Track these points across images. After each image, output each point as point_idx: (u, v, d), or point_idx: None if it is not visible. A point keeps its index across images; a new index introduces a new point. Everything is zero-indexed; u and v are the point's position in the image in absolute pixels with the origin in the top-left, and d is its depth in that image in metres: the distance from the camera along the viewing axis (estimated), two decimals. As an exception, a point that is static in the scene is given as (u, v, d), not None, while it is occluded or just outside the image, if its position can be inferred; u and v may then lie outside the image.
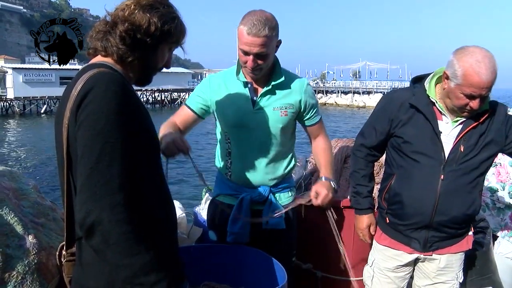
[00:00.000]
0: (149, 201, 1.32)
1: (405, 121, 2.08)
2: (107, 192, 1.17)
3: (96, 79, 1.26)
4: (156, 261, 1.22)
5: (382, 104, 2.23)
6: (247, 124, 2.16)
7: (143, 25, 1.35)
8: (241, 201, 2.22)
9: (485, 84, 1.83)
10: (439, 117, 2.04)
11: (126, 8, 1.36)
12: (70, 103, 1.25)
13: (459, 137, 2.01)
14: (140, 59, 1.41)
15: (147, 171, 1.33)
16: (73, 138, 1.24)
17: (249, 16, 1.98)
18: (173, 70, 65.01)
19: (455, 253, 2.18)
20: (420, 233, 2.13)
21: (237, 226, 2.20)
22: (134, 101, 1.31)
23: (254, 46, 1.97)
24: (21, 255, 1.76)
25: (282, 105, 2.17)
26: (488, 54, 1.85)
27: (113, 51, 1.37)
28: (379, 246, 2.30)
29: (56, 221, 2.10)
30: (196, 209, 3.54)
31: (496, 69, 1.84)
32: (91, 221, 1.16)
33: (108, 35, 1.36)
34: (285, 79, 2.19)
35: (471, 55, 1.85)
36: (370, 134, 2.24)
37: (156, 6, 1.39)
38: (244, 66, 2.09)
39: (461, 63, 1.86)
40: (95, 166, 1.17)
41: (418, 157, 2.06)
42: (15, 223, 1.82)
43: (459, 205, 2.05)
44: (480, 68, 1.82)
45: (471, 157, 2.02)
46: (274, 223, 2.22)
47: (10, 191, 1.97)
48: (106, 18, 1.39)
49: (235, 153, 2.22)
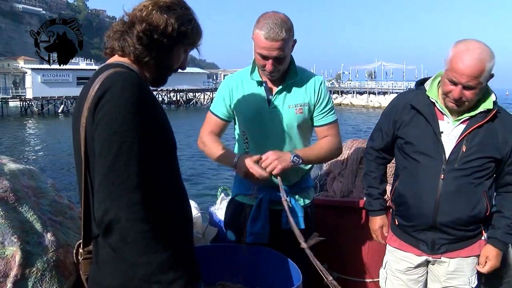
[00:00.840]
0: (165, 200, 1.33)
1: (407, 122, 2.12)
2: (125, 191, 1.18)
3: (113, 78, 1.27)
4: (173, 260, 1.22)
5: (387, 107, 2.29)
6: (263, 122, 2.17)
7: (160, 26, 1.36)
8: (260, 201, 2.22)
9: (464, 71, 1.86)
10: (440, 117, 2.06)
11: (143, 9, 1.38)
12: (88, 102, 1.26)
13: (462, 137, 2.01)
14: (156, 60, 1.42)
15: (163, 170, 1.34)
16: (91, 137, 1.26)
17: (264, 20, 1.98)
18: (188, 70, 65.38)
19: (465, 257, 2.14)
20: (426, 234, 2.12)
21: (257, 226, 2.20)
22: (150, 101, 1.32)
23: (273, 50, 1.98)
24: (40, 252, 1.78)
25: (297, 102, 2.17)
26: (482, 47, 1.88)
27: (130, 51, 1.38)
28: (390, 248, 2.31)
29: (73, 219, 2.12)
30: (212, 208, 3.55)
31: (485, 62, 1.85)
32: (109, 219, 1.17)
33: (126, 35, 1.38)
34: (300, 78, 2.19)
35: (464, 44, 1.91)
36: (377, 136, 2.29)
37: (173, 7, 1.40)
38: (262, 69, 2.11)
39: (453, 49, 1.92)
40: (113, 165, 1.19)
41: (419, 157, 2.08)
42: (34, 221, 1.85)
43: (462, 206, 2.03)
44: (465, 55, 1.86)
45: (474, 158, 2.00)
46: (294, 222, 2.22)
47: (29, 189, 2.00)
48: (123, 19, 1.41)
49: (252, 152, 2.22)
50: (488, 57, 1.86)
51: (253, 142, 2.24)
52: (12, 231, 1.74)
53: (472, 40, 1.92)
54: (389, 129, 2.20)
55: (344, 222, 2.96)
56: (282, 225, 2.22)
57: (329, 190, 3.17)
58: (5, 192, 1.84)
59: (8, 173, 1.97)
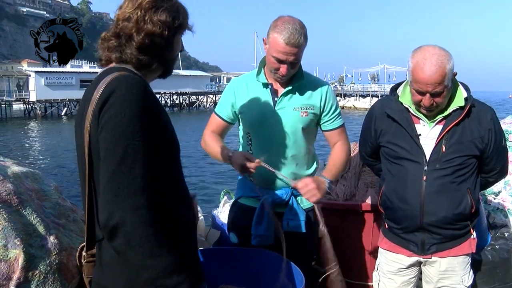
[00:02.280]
0: (171, 202, 1.33)
1: (386, 130, 2.17)
2: (130, 194, 1.18)
3: (118, 82, 1.27)
4: (178, 263, 1.23)
5: (366, 116, 2.34)
6: (268, 124, 2.18)
7: (157, 31, 1.36)
8: (263, 203, 2.21)
9: (428, 80, 1.89)
10: (416, 121, 2.10)
11: (132, 17, 1.35)
12: (92, 105, 1.27)
13: (440, 137, 2.04)
14: (161, 60, 1.43)
15: (168, 172, 1.34)
16: (95, 141, 1.26)
17: (283, 24, 1.99)
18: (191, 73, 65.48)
19: (456, 256, 2.15)
20: (416, 235, 2.14)
21: (261, 228, 2.20)
22: (154, 104, 1.32)
23: (291, 55, 2.01)
24: (43, 254, 1.79)
25: (302, 105, 2.19)
26: (439, 52, 1.91)
27: (133, 61, 1.37)
28: (381, 250, 2.34)
29: (76, 222, 2.13)
30: (214, 211, 3.55)
31: (445, 66, 1.88)
32: (114, 222, 1.17)
33: (124, 48, 1.37)
34: (306, 81, 2.21)
35: (421, 52, 1.93)
36: (364, 144, 2.36)
37: (158, 4, 1.37)
38: (274, 72, 2.11)
39: (411, 60, 1.95)
40: (118, 168, 1.19)
41: (402, 162, 2.12)
42: (37, 224, 1.86)
43: (446, 205, 2.05)
44: (425, 64, 1.89)
45: (454, 157, 2.03)
46: (295, 225, 2.22)
47: (32, 192, 2.01)
48: (116, 31, 1.38)
49: (256, 154, 2.23)
50: (446, 60, 1.90)
51: (257, 143, 2.25)
52: (15, 233, 1.74)
53: (427, 47, 1.95)
54: (372, 137, 2.26)
55: (347, 225, 2.95)
56: (283, 227, 2.22)
57: (332, 193, 3.17)
58: (9, 195, 1.85)
59: (12, 176, 1.97)
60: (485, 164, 2.11)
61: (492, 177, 2.16)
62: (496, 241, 3.02)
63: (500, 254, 2.90)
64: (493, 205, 3.54)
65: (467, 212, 2.07)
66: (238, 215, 2.36)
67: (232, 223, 2.41)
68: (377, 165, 2.36)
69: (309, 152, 2.31)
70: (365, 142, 2.34)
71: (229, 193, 3.86)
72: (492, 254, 2.89)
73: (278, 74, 2.09)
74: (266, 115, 2.18)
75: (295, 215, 2.22)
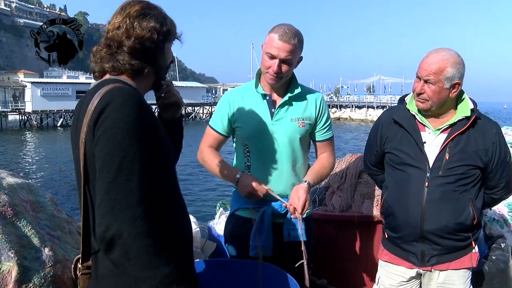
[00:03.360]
0: (167, 213, 1.33)
1: (392, 137, 2.21)
2: (127, 206, 1.18)
3: (113, 94, 1.27)
4: (176, 274, 1.23)
5: (374, 124, 2.39)
6: (266, 135, 2.20)
7: (146, 34, 1.39)
8: (263, 214, 2.21)
9: (425, 66, 2.02)
10: (422, 129, 2.14)
11: (121, 26, 1.39)
12: (87, 118, 1.27)
13: (444, 145, 2.07)
14: (154, 65, 1.45)
15: (164, 183, 1.34)
16: (91, 153, 1.26)
17: (281, 26, 2.10)
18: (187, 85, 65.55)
19: (456, 269, 2.14)
20: (415, 246, 2.14)
21: (260, 239, 2.19)
22: (149, 115, 1.33)
23: (283, 51, 2.07)
24: (38, 267, 1.77)
25: (299, 116, 2.22)
26: (450, 52, 2.02)
27: (126, 68, 1.40)
28: (382, 263, 2.33)
29: (71, 234, 2.11)
30: (211, 223, 3.54)
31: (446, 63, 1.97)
32: (111, 235, 1.17)
33: (116, 55, 1.39)
34: (302, 92, 2.25)
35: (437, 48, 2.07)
36: (369, 152, 2.38)
37: (146, 12, 1.42)
38: (266, 72, 2.15)
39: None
40: (114, 180, 1.19)
41: (405, 168, 2.14)
42: (32, 235, 1.84)
43: (447, 213, 2.05)
44: (431, 54, 2.04)
45: (458, 165, 2.05)
46: (296, 235, 2.21)
47: (27, 204, 2.00)
48: (107, 42, 1.41)
49: (254, 166, 2.24)
50: (451, 60, 1.98)
51: (254, 155, 2.25)
52: (9, 246, 1.73)
53: (445, 48, 2.05)
54: (378, 144, 2.29)
55: (343, 236, 2.95)
56: (284, 237, 2.22)
57: (328, 205, 3.17)
58: (3, 206, 1.84)
59: (7, 187, 1.96)
60: (489, 180, 2.11)
61: (496, 193, 2.15)
62: (493, 252, 3.01)
63: (497, 265, 2.89)
64: (489, 215, 3.54)
65: (469, 223, 2.06)
66: (235, 227, 2.35)
67: (230, 235, 2.40)
68: (380, 176, 2.37)
69: (306, 162, 2.34)
70: (370, 150, 2.36)
71: (225, 205, 3.85)
72: (489, 265, 2.89)
73: (269, 73, 2.12)
74: (264, 127, 2.20)
75: (294, 225, 2.21)
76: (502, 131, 2.15)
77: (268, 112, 2.21)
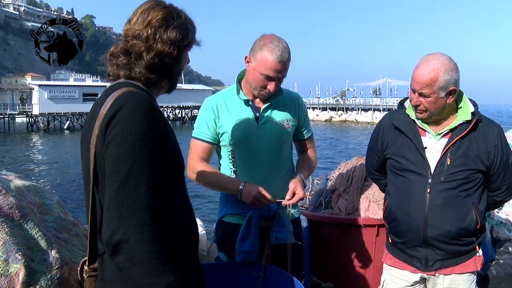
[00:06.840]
0: (175, 220, 1.33)
1: (392, 142, 2.19)
2: (135, 211, 1.18)
3: (125, 98, 1.27)
4: (180, 282, 1.22)
5: (375, 129, 2.37)
6: (253, 140, 2.19)
7: (167, 51, 1.37)
8: (250, 218, 2.18)
9: (417, 78, 1.99)
10: (422, 134, 2.12)
11: (142, 34, 1.35)
12: (99, 121, 1.27)
13: (445, 150, 2.05)
14: (170, 76, 1.45)
15: (173, 189, 1.34)
16: (101, 156, 1.26)
17: (273, 43, 2.05)
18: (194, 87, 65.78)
19: (460, 273, 2.13)
20: (419, 251, 2.12)
21: (246, 244, 2.17)
22: (161, 121, 1.32)
23: (281, 72, 2.07)
24: (45, 269, 1.78)
25: (283, 118, 2.24)
26: (441, 59, 1.97)
27: (141, 80, 1.38)
28: (386, 266, 2.32)
29: (78, 237, 2.12)
30: (216, 226, 3.53)
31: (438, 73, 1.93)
32: (117, 239, 1.17)
33: (134, 66, 1.37)
34: (283, 94, 2.27)
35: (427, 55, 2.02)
36: (371, 157, 2.37)
37: (168, 21, 1.37)
38: (260, 90, 2.12)
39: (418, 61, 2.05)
40: (123, 185, 1.19)
41: (407, 174, 2.13)
42: (39, 238, 1.85)
43: (451, 218, 2.04)
44: (422, 64, 2.00)
45: (459, 170, 2.03)
46: (284, 237, 2.20)
47: (35, 206, 2.01)
48: (126, 48, 1.38)
49: (241, 171, 2.23)
50: (443, 68, 1.94)
51: (241, 160, 2.23)
52: (16, 248, 1.74)
53: (436, 53, 2.01)
54: (379, 150, 2.28)
55: (349, 239, 2.94)
56: (271, 240, 2.19)
57: (334, 208, 3.16)
58: (11, 208, 1.85)
59: (14, 190, 1.97)
60: (491, 182, 2.10)
61: (499, 196, 2.14)
62: (500, 256, 2.99)
63: (504, 269, 2.87)
64: (496, 219, 3.52)
65: (472, 227, 2.05)
66: (224, 234, 2.33)
67: (220, 243, 2.37)
68: (383, 180, 2.36)
69: (292, 164, 2.37)
70: (372, 155, 2.35)
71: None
72: (497, 269, 2.87)
73: (264, 92, 2.12)
74: (250, 132, 2.19)
75: (282, 227, 2.20)
76: (504, 133, 2.12)
77: (253, 116, 2.20)
